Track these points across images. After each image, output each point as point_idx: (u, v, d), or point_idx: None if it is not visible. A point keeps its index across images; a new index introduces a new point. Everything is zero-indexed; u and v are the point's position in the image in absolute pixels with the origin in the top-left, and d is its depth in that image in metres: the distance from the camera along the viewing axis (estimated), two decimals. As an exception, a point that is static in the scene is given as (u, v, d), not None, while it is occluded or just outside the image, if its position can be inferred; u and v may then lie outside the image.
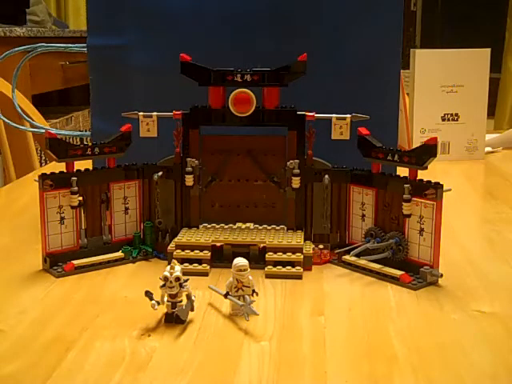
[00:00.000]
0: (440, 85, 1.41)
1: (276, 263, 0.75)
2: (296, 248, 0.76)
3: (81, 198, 0.78)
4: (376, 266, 0.75)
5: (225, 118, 0.80)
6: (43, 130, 1.16)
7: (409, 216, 0.74)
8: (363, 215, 0.80)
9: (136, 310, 0.65)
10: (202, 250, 0.77)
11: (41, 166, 1.95)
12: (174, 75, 0.81)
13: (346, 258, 0.78)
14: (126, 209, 0.82)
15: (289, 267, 0.75)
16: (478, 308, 0.66)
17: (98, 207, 0.80)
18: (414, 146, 0.79)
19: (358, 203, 0.80)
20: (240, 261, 0.65)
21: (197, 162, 0.81)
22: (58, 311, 0.66)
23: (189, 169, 0.80)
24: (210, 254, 0.77)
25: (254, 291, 0.65)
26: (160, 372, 0.54)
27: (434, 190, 0.72)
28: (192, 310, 0.63)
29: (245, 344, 0.59)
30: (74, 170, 0.78)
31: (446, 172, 1.31)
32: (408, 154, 0.75)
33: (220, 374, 0.54)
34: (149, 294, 0.63)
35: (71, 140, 1.86)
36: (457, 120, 1.43)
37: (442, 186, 0.72)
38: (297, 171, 0.79)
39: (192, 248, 0.77)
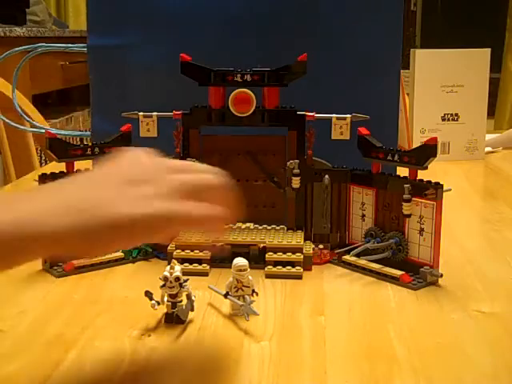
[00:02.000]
0: (440, 85, 1.41)
1: (276, 263, 0.75)
2: (296, 248, 0.76)
3: (81, 198, 0.78)
4: (376, 266, 0.75)
5: (225, 118, 0.80)
6: (43, 130, 1.16)
7: (409, 216, 0.74)
8: (363, 215, 0.79)
9: (136, 310, 0.65)
10: (201, 250, 0.77)
11: (41, 166, 1.95)
12: (174, 75, 0.81)
13: (346, 258, 0.78)
14: (126, 209, 0.81)
15: (289, 267, 0.75)
16: (478, 308, 0.66)
17: (98, 207, 0.79)
18: (414, 146, 0.79)
19: (357, 203, 0.80)
20: (240, 261, 0.64)
21: (197, 162, 0.81)
22: (58, 311, 0.66)
23: (189, 169, 0.80)
24: (210, 254, 0.77)
25: (253, 291, 0.65)
26: (160, 372, 0.54)
27: (434, 190, 0.72)
28: (192, 310, 0.63)
29: (245, 344, 0.59)
30: (74, 170, 0.78)
31: (446, 172, 1.31)
32: (408, 154, 0.75)
33: (220, 374, 0.54)
34: (149, 294, 0.63)
35: (71, 140, 1.85)
36: (457, 120, 1.43)
37: (441, 186, 0.72)
38: (297, 171, 0.79)
39: (192, 248, 0.77)
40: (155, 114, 0.80)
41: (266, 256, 0.76)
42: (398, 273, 0.73)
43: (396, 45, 0.93)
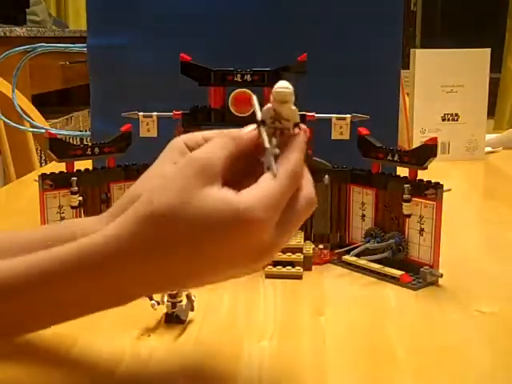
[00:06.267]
0: (440, 85, 1.41)
1: (276, 263, 0.75)
2: (296, 248, 0.76)
3: (81, 198, 0.78)
4: (376, 266, 0.75)
5: (225, 118, 0.80)
6: (43, 130, 1.16)
7: (409, 216, 0.74)
8: (363, 215, 0.79)
9: (136, 310, 0.65)
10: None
11: (41, 165, 1.95)
12: (174, 75, 0.80)
13: (346, 257, 0.78)
14: (126, 209, 0.81)
15: (289, 267, 0.75)
16: (478, 308, 0.66)
17: (98, 207, 0.80)
18: (414, 146, 0.79)
19: (357, 203, 0.80)
20: (281, 86, 0.49)
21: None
22: (58, 311, 0.66)
23: (189, 169, 0.80)
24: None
25: (297, 125, 0.50)
26: (160, 372, 0.54)
27: (434, 190, 0.72)
28: (192, 309, 0.63)
29: (245, 344, 0.59)
30: (74, 170, 0.78)
31: (446, 172, 1.31)
32: (408, 154, 0.75)
33: (220, 374, 0.54)
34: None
35: (71, 140, 1.86)
36: (457, 120, 1.43)
37: (442, 186, 0.72)
38: (297, 171, 0.79)
39: (192, 248, 0.77)
40: (155, 114, 0.80)
41: (266, 256, 0.76)
42: (398, 273, 0.73)
43: (396, 45, 0.93)
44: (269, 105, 0.50)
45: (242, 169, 0.49)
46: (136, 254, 0.45)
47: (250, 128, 0.51)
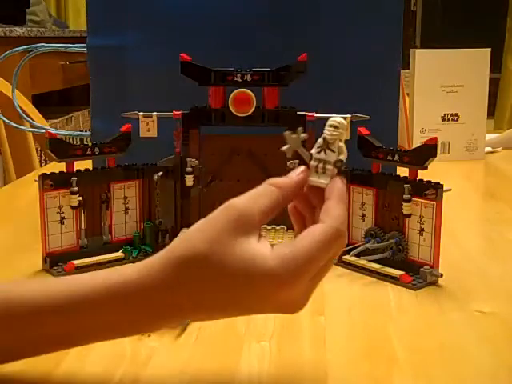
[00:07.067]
0: (440, 85, 1.41)
1: (276, 263, 0.75)
2: (296, 248, 0.76)
3: (81, 198, 0.78)
4: (376, 266, 0.75)
5: (225, 118, 0.80)
6: (43, 130, 1.16)
7: (409, 216, 0.74)
8: (363, 215, 0.79)
9: (136, 310, 0.65)
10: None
11: (41, 166, 1.95)
12: (174, 75, 0.81)
13: (346, 258, 0.78)
14: (126, 209, 0.82)
15: (289, 267, 0.75)
16: (478, 308, 0.66)
17: (97, 207, 0.80)
18: (414, 146, 0.79)
19: (357, 203, 0.80)
20: (335, 117, 0.53)
21: (197, 162, 0.81)
22: (58, 311, 0.66)
23: (189, 169, 0.80)
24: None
25: (341, 162, 0.53)
26: (160, 372, 0.54)
27: (434, 190, 0.72)
28: (192, 310, 0.63)
29: (245, 344, 0.59)
30: (74, 170, 0.78)
31: (446, 172, 1.31)
32: (408, 154, 0.75)
33: (220, 374, 0.54)
34: (149, 294, 0.63)
35: (71, 140, 1.86)
36: (457, 120, 1.43)
37: (441, 185, 0.72)
38: (297, 171, 0.79)
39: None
40: (155, 113, 0.80)
41: (266, 256, 0.76)
42: (398, 273, 0.73)
43: (396, 45, 0.93)
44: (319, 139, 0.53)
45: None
46: (157, 292, 0.46)
47: (299, 171, 0.52)
